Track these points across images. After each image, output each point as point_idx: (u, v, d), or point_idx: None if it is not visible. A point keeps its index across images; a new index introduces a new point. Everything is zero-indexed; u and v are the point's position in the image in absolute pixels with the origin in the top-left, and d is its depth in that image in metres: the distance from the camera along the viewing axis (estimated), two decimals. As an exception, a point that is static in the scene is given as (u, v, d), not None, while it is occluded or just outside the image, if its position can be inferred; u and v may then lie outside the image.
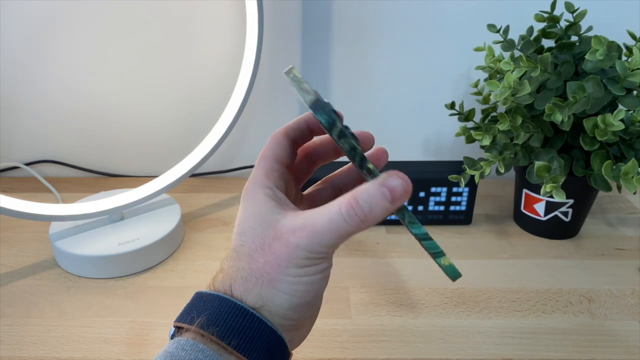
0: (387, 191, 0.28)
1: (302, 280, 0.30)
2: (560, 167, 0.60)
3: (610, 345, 0.53)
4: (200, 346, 0.28)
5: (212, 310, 0.29)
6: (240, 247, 0.31)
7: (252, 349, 0.29)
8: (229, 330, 0.28)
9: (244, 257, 0.31)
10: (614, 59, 0.57)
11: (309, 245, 0.29)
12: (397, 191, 0.28)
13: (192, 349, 0.28)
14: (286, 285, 0.30)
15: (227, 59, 0.80)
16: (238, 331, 0.29)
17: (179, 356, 0.27)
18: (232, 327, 0.29)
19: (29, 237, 0.71)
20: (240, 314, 0.29)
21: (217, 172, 0.89)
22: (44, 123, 0.84)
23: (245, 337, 0.29)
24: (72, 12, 0.76)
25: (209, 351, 0.28)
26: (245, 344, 0.29)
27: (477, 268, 0.65)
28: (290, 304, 0.30)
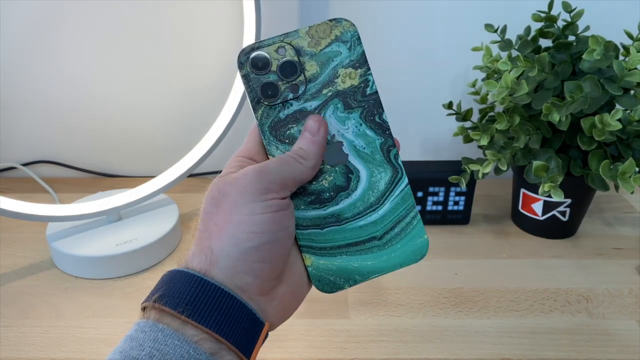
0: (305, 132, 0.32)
1: (253, 219, 0.29)
2: (558, 167, 0.60)
3: (608, 345, 0.53)
4: (159, 326, 0.27)
5: (168, 284, 0.29)
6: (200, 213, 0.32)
7: (207, 315, 0.28)
8: (181, 300, 0.28)
9: (201, 217, 0.31)
10: (611, 58, 0.57)
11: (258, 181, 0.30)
12: (311, 126, 0.32)
13: (151, 330, 0.27)
14: (235, 228, 0.29)
15: (224, 59, 0.80)
16: (190, 300, 0.28)
17: (138, 338, 0.27)
18: (183, 296, 0.28)
19: (26, 238, 0.70)
20: (191, 282, 0.29)
21: (215, 172, 0.89)
22: (41, 123, 0.84)
23: (198, 305, 0.28)
24: (68, 13, 0.76)
25: (169, 329, 0.27)
26: (199, 311, 0.28)
27: (475, 268, 0.65)
28: (239, 249, 0.29)
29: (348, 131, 0.33)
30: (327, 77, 0.33)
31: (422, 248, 0.34)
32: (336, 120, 0.33)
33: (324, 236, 0.33)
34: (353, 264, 0.33)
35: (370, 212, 0.33)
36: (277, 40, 0.32)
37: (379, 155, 0.33)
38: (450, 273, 0.64)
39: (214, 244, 0.30)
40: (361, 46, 0.33)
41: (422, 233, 0.34)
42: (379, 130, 0.33)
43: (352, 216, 0.33)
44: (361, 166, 0.33)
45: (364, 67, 0.33)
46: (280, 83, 0.33)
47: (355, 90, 0.33)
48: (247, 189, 0.30)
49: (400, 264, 0.34)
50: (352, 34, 0.33)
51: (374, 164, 0.33)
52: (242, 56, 0.32)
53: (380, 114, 0.33)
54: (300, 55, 0.32)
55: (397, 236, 0.33)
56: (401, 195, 0.33)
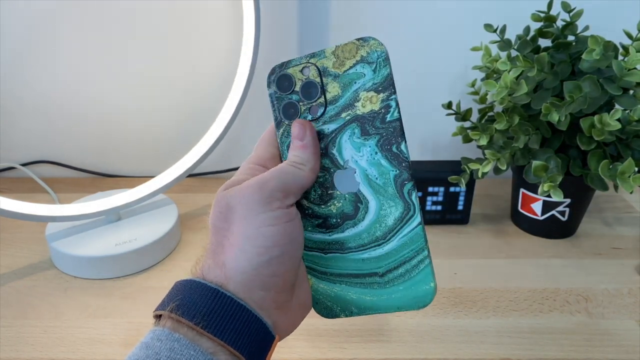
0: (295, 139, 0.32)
1: (262, 231, 0.30)
2: (558, 167, 0.60)
3: (608, 345, 0.53)
4: (175, 335, 0.27)
5: (184, 295, 0.29)
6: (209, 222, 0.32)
7: (223, 328, 0.28)
8: (198, 312, 0.28)
9: (211, 230, 0.31)
10: (610, 58, 0.57)
11: (261, 191, 0.30)
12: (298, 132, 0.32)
13: (167, 339, 0.27)
14: (246, 242, 0.30)
15: (224, 59, 0.80)
16: (207, 312, 0.28)
17: (154, 346, 0.27)
18: (200, 308, 0.28)
19: (26, 238, 0.70)
20: (208, 294, 0.29)
21: (214, 172, 0.89)
22: (40, 123, 0.84)
23: (215, 317, 0.28)
24: (68, 14, 0.76)
25: (185, 340, 0.27)
26: (215, 323, 0.28)
27: (475, 268, 0.65)
28: (252, 264, 0.29)
29: (362, 158, 0.31)
30: (348, 100, 0.32)
31: (426, 296, 0.31)
32: (352, 145, 0.32)
33: (326, 261, 0.33)
34: (351, 295, 0.32)
35: (375, 246, 0.32)
36: (303, 60, 0.32)
37: (391, 188, 0.31)
38: (449, 273, 0.64)
39: (228, 260, 0.30)
40: (387, 68, 0.31)
41: (429, 280, 0.31)
42: (395, 161, 0.31)
43: (355, 247, 0.32)
44: (371, 197, 0.31)
45: (387, 91, 0.31)
46: (301, 104, 0.32)
47: (374, 115, 0.31)
48: (252, 201, 0.30)
49: (398, 307, 0.32)
50: (379, 55, 0.31)
51: (385, 197, 0.31)
52: (270, 75, 0.33)
53: (398, 143, 0.31)
54: (324, 76, 0.32)
55: (400, 277, 0.31)
56: (410, 235, 0.31)
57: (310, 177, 0.32)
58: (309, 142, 0.32)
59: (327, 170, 0.32)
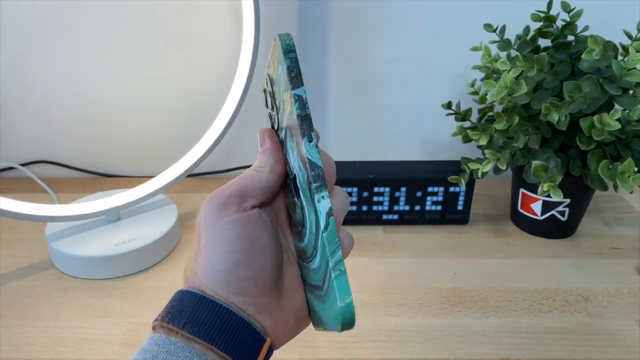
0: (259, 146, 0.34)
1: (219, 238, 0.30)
2: (557, 167, 0.60)
3: (607, 345, 0.53)
4: (171, 339, 0.29)
5: (174, 303, 0.31)
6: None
7: (207, 330, 0.29)
8: (186, 319, 0.29)
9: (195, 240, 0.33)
10: (610, 58, 0.57)
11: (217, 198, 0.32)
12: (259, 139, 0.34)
13: (164, 343, 0.29)
14: (209, 251, 0.31)
15: (223, 59, 0.80)
16: (191, 316, 0.29)
17: (152, 351, 0.29)
18: (188, 315, 0.29)
19: (25, 238, 0.70)
20: (190, 299, 0.30)
21: (213, 172, 0.89)
22: (39, 123, 0.84)
23: (197, 320, 0.29)
24: (67, 14, 0.76)
25: (180, 343, 0.28)
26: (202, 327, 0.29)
27: (474, 268, 0.65)
28: (218, 271, 0.30)
29: (295, 163, 0.29)
30: (280, 105, 0.31)
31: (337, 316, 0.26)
32: (290, 150, 0.30)
33: (303, 270, 0.32)
34: (317, 308, 0.30)
35: (313, 256, 0.28)
36: (265, 73, 0.33)
37: (308, 192, 0.28)
38: (449, 273, 0.64)
39: (198, 270, 0.31)
40: (286, 61, 0.27)
41: (343, 294, 0.26)
42: (302, 162, 0.28)
43: (308, 256, 0.30)
44: (304, 202, 0.28)
45: (290, 87, 0.27)
46: (271, 114, 0.34)
47: (292, 117, 0.28)
48: (210, 210, 0.32)
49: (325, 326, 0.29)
50: (283, 50, 0.28)
51: (307, 202, 0.28)
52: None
53: (299, 143, 0.27)
54: (273, 84, 0.32)
55: (327, 291, 0.27)
56: (321, 243, 0.27)
57: (270, 178, 0.32)
58: (267, 147, 0.34)
59: (288, 176, 0.32)
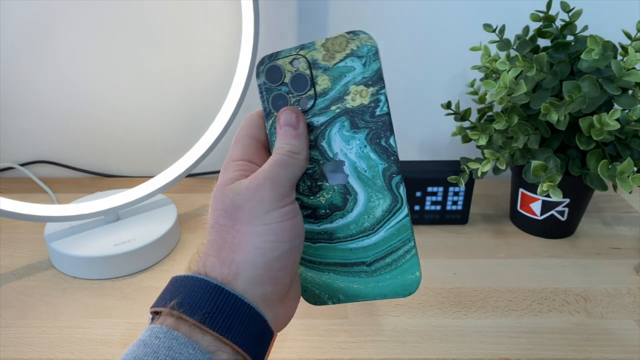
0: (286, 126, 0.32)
1: (272, 227, 0.30)
2: (557, 167, 0.60)
3: (607, 344, 0.53)
4: (174, 333, 0.27)
5: (186, 291, 0.29)
6: (208, 220, 0.32)
7: (228, 326, 0.28)
8: (201, 310, 0.28)
9: (212, 227, 0.31)
10: (609, 58, 0.57)
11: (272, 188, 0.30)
12: (290, 119, 0.32)
13: (165, 336, 0.27)
14: (257, 239, 0.30)
15: (223, 59, 0.80)
16: (211, 309, 0.28)
17: (152, 344, 0.27)
18: (204, 305, 0.28)
19: (24, 238, 0.70)
20: (213, 291, 0.29)
21: (213, 173, 0.89)
22: (38, 123, 0.84)
23: (219, 315, 0.28)
24: (67, 13, 0.76)
25: (183, 338, 0.27)
26: (220, 321, 0.28)
27: (474, 267, 0.65)
28: (264, 259, 0.29)
29: (352, 151, 0.32)
30: (338, 93, 0.32)
31: (412, 285, 0.32)
32: (341, 138, 0.32)
33: (315, 250, 0.33)
34: (339, 283, 0.33)
35: (363, 237, 0.32)
36: (292, 52, 0.32)
37: (379, 180, 0.32)
38: (448, 273, 0.64)
39: (238, 257, 0.30)
40: (378, 62, 0.31)
41: (415, 269, 0.32)
42: (384, 154, 0.31)
43: (343, 237, 0.33)
44: (360, 189, 0.32)
45: (377, 85, 0.31)
46: (290, 96, 0.32)
47: (364, 109, 0.31)
48: (264, 199, 0.30)
49: (385, 295, 0.33)
50: (369, 49, 0.31)
51: (374, 189, 0.32)
52: (260, 66, 0.32)
53: (387, 137, 0.31)
54: (313, 68, 0.32)
55: (387, 266, 0.32)
56: (398, 226, 0.32)
57: (305, 166, 0.32)
58: (302, 131, 0.32)
59: (316, 162, 0.33)
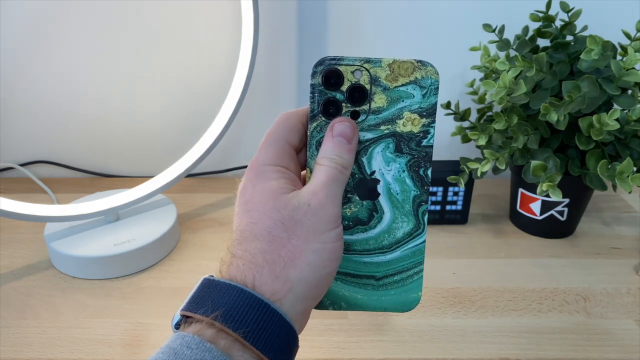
0: (340, 137, 0.32)
1: (328, 247, 0.30)
2: (556, 166, 0.60)
3: (606, 344, 0.53)
4: (207, 345, 0.26)
5: (230, 303, 0.28)
6: (253, 226, 0.30)
7: (270, 344, 0.27)
8: (246, 325, 0.27)
9: (262, 236, 0.30)
10: (609, 58, 0.57)
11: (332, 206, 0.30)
12: (347, 132, 0.32)
13: (198, 348, 0.26)
14: (314, 257, 0.29)
15: (223, 59, 0.80)
16: (256, 326, 0.27)
17: (184, 354, 0.26)
18: (250, 321, 0.27)
19: (24, 238, 0.70)
20: (259, 307, 0.28)
21: (212, 172, 0.89)
22: (38, 124, 0.84)
23: (264, 332, 0.27)
24: (67, 13, 0.76)
25: (217, 351, 0.26)
26: (264, 340, 0.27)
27: (473, 267, 0.65)
28: (315, 276, 0.30)
29: (389, 173, 0.33)
30: (391, 115, 0.32)
31: (412, 303, 0.34)
32: (382, 158, 0.33)
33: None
34: (344, 292, 0.34)
35: (379, 253, 0.34)
36: (357, 62, 0.32)
37: (408, 205, 0.33)
38: (448, 273, 0.64)
39: (292, 273, 0.29)
40: (436, 97, 0.32)
41: (419, 290, 0.34)
42: (419, 183, 0.33)
43: (360, 250, 0.34)
44: (388, 209, 0.33)
45: (430, 117, 0.32)
46: (344, 104, 0.32)
47: (412, 136, 0.32)
48: (324, 218, 0.30)
49: (385, 309, 0.34)
50: (433, 82, 0.32)
51: (401, 212, 0.33)
52: (318, 65, 0.32)
53: (426, 168, 0.33)
54: (374, 84, 0.32)
55: (394, 283, 0.34)
56: (414, 249, 0.34)
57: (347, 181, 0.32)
58: (354, 147, 0.32)
59: (352, 175, 0.33)
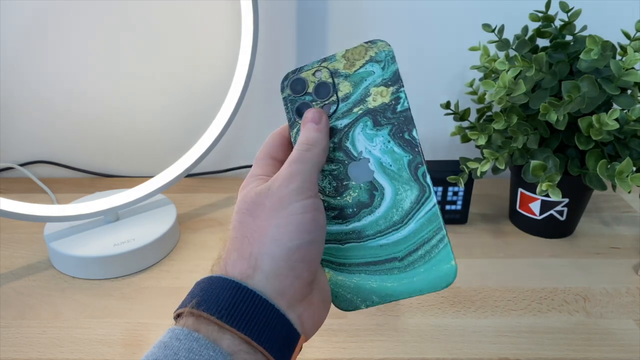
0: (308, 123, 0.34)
1: (293, 219, 0.30)
2: (556, 166, 0.60)
3: (606, 344, 0.53)
4: (194, 334, 0.27)
5: (205, 291, 0.29)
6: (231, 224, 0.32)
7: (246, 322, 0.28)
8: (219, 306, 0.28)
9: (234, 228, 0.32)
10: (608, 58, 0.57)
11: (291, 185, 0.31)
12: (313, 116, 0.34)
13: (186, 338, 0.27)
14: (277, 230, 0.30)
15: (222, 59, 0.80)
16: (229, 305, 0.28)
17: (173, 346, 0.27)
18: (221, 302, 0.28)
19: (24, 238, 0.70)
20: (230, 288, 0.28)
21: (212, 172, 0.89)
22: (38, 124, 0.84)
23: (236, 311, 0.28)
24: (66, 14, 0.76)
25: (204, 339, 0.27)
26: (237, 317, 0.28)
27: (473, 267, 0.65)
28: (282, 250, 0.29)
29: (375, 148, 0.33)
30: (359, 96, 0.33)
31: (448, 275, 0.31)
32: (365, 137, 0.33)
33: (344, 252, 0.33)
34: (371, 283, 0.32)
35: (393, 231, 0.32)
36: (315, 65, 0.34)
37: (405, 172, 0.33)
38: (448, 272, 0.64)
39: (256, 249, 0.30)
40: (395, 64, 0.33)
41: (450, 259, 0.31)
42: (408, 147, 0.33)
43: (373, 234, 0.32)
44: (386, 183, 0.33)
45: (396, 84, 0.33)
46: (314, 104, 0.34)
47: (385, 107, 0.33)
48: (284, 195, 0.31)
49: (421, 290, 0.31)
50: (387, 54, 0.34)
51: (400, 182, 0.33)
52: (284, 81, 0.34)
53: (410, 130, 0.33)
54: (335, 77, 0.34)
55: (420, 259, 0.31)
56: (427, 215, 0.32)
57: (324, 156, 0.33)
58: (323, 127, 0.33)
59: (341, 162, 0.33)
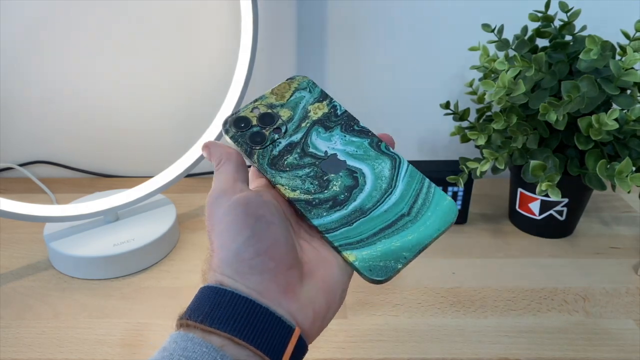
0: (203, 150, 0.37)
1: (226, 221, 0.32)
2: (555, 166, 0.60)
3: (606, 344, 0.53)
4: (189, 335, 0.29)
5: (194, 301, 0.31)
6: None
7: (225, 319, 0.29)
8: (202, 312, 0.30)
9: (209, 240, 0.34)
10: (608, 58, 0.57)
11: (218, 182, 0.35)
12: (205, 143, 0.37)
13: (182, 339, 0.29)
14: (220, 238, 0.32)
15: (222, 59, 0.80)
16: (210, 309, 0.30)
17: (169, 348, 0.29)
18: (204, 308, 0.30)
19: (24, 239, 0.70)
20: (211, 293, 0.30)
21: (212, 173, 0.88)
22: (38, 124, 0.84)
23: (217, 312, 0.29)
24: (66, 14, 0.76)
25: (197, 339, 0.29)
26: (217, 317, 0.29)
27: (473, 267, 0.65)
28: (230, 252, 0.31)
29: (336, 144, 0.37)
30: (301, 114, 0.38)
31: (452, 208, 0.35)
32: (322, 140, 0.37)
33: (356, 230, 0.35)
34: (395, 243, 0.34)
35: (388, 195, 0.35)
36: (249, 105, 0.38)
37: (372, 151, 0.37)
38: (447, 272, 0.64)
39: (215, 260, 0.32)
40: (318, 87, 0.39)
41: (445, 196, 0.35)
42: (362, 134, 0.37)
43: (373, 205, 0.35)
44: (361, 165, 0.36)
45: (327, 98, 0.39)
46: (264, 130, 0.37)
47: (328, 115, 0.38)
48: (210, 205, 0.34)
49: (438, 229, 0.35)
50: (308, 82, 0.39)
51: (371, 159, 0.36)
52: (225, 124, 0.37)
53: (357, 123, 0.38)
54: (272, 108, 0.38)
55: (423, 206, 0.35)
56: (408, 173, 0.36)
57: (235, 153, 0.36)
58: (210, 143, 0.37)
59: (313, 165, 0.36)
